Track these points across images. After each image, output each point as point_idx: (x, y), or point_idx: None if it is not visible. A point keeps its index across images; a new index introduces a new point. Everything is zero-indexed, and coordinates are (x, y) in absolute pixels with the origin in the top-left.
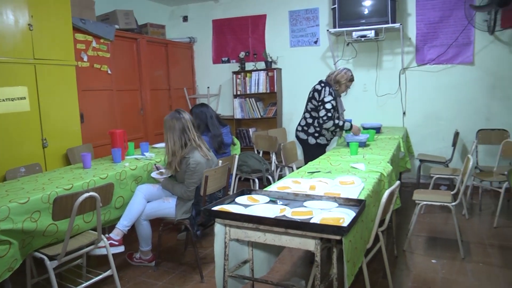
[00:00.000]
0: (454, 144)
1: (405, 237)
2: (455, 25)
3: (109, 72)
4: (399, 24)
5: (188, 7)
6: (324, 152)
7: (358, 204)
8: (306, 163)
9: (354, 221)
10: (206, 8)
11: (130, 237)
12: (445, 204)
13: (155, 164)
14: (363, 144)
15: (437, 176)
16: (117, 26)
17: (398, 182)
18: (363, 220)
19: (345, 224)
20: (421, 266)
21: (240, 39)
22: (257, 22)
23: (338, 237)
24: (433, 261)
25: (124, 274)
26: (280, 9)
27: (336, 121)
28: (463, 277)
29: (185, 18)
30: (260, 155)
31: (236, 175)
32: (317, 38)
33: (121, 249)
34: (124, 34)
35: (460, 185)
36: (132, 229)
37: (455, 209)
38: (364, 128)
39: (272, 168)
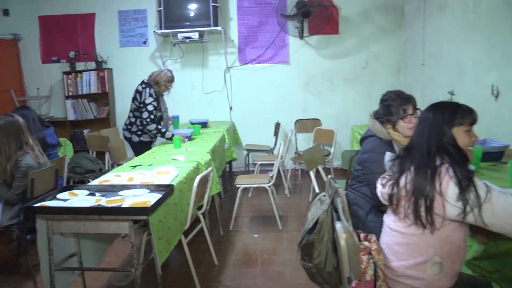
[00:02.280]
0: (276, 134)
1: (234, 218)
2: (272, 30)
3: None
4: (221, 27)
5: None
6: (150, 148)
7: (167, 189)
8: None
9: (158, 202)
10: (30, 2)
11: None
12: (262, 185)
13: None
14: (188, 138)
15: (260, 162)
16: None
17: (210, 168)
18: (177, 203)
19: (150, 205)
20: (244, 241)
21: (69, 37)
22: (86, 21)
23: (144, 217)
24: (255, 235)
25: None
26: (108, 9)
27: (159, 127)
28: (279, 245)
29: (5, 12)
30: (94, 155)
31: (71, 177)
32: (146, 39)
33: None
34: None
35: (280, 168)
36: None
37: (278, 190)
38: (192, 124)
39: (107, 167)
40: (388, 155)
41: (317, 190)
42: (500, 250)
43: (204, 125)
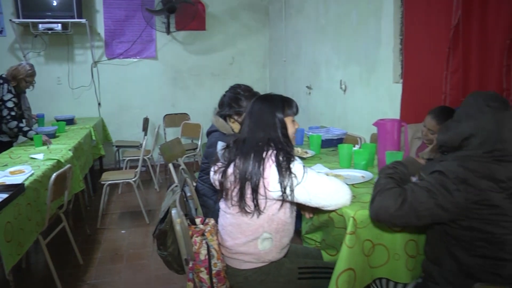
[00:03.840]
0: (144, 129)
1: (102, 216)
2: (139, 24)
3: None
4: (85, 19)
5: None
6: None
7: (16, 188)
8: None
9: (3, 203)
10: None
11: None
12: (127, 180)
13: None
14: (52, 136)
15: (129, 158)
16: None
17: (68, 165)
18: (31, 203)
19: None
20: (111, 238)
21: None
22: None
23: None
24: (122, 231)
25: None
26: None
27: (21, 125)
28: (146, 238)
29: None
30: None
31: None
32: (2, 28)
33: None
34: None
35: (149, 163)
36: None
37: (149, 185)
38: (57, 120)
39: None
40: (219, 145)
41: (176, 182)
42: (321, 222)
43: (70, 122)
